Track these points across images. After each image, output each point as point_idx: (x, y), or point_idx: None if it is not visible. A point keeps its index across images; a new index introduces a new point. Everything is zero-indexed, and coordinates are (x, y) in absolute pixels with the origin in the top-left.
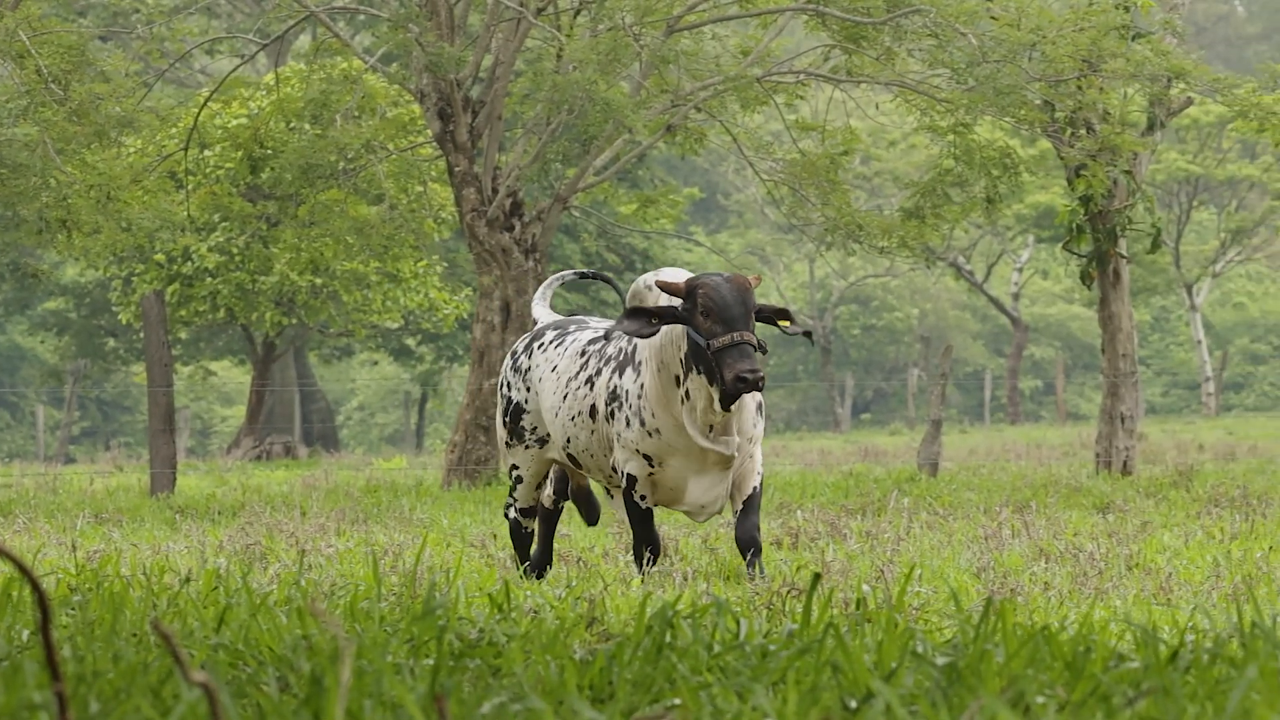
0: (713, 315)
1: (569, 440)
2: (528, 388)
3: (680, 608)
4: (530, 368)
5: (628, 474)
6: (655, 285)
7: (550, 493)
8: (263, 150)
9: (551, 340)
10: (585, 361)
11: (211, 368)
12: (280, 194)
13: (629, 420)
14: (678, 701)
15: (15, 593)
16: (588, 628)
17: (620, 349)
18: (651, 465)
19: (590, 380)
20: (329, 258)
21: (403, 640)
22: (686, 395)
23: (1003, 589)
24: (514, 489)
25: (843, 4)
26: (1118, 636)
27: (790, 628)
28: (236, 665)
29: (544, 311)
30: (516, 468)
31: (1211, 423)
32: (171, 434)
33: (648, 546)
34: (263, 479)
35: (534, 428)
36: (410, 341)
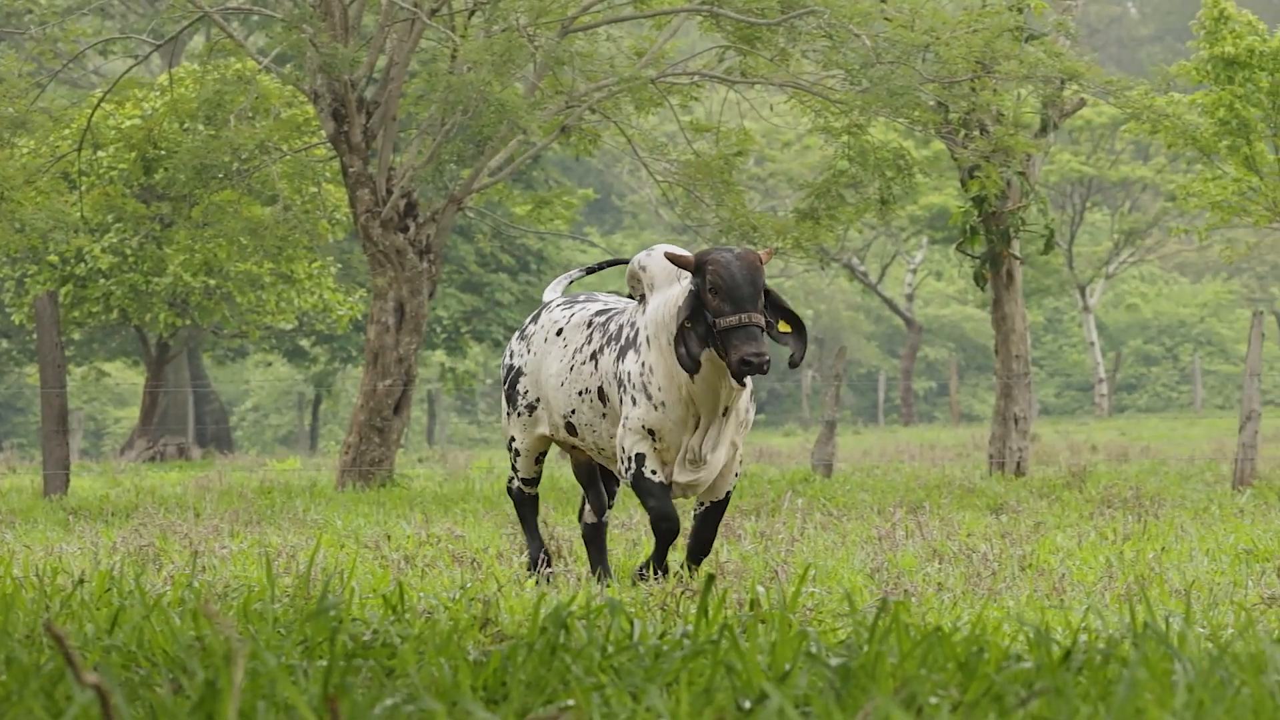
0: (721, 293)
1: (572, 410)
2: (529, 350)
3: (574, 609)
4: (534, 331)
5: (636, 454)
6: (665, 256)
7: (590, 510)
8: (156, 151)
9: (559, 305)
10: (590, 335)
11: (105, 369)
12: (174, 195)
13: (635, 399)
14: (571, 703)
15: None
16: (482, 629)
17: (620, 326)
18: (655, 440)
19: (594, 356)
20: (223, 258)
21: (296, 642)
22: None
23: (896, 590)
24: (514, 463)
25: (737, 5)
26: (1011, 637)
27: (685, 629)
28: (130, 667)
29: (555, 295)
30: (514, 439)
31: (1104, 424)
32: (65, 435)
33: (665, 522)
34: (156, 480)
35: (526, 391)
36: (304, 343)
